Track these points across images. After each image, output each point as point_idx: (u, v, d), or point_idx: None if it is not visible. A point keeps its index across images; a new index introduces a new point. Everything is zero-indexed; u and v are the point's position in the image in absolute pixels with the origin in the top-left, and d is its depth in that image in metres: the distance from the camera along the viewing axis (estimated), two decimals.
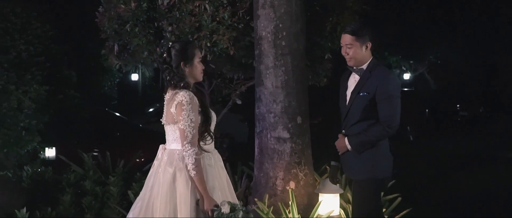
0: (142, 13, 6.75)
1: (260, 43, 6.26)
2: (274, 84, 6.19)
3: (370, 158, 4.50)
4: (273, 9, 6.14)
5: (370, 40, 4.51)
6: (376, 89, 4.43)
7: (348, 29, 4.55)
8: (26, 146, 9.17)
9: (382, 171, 4.53)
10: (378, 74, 4.49)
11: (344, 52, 4.58)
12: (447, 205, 8.69)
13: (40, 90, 9.23)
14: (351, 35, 4.50)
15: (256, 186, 6.39)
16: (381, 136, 4.46)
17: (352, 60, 4.56)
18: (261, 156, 6.32)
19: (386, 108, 4.41)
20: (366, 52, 4.53)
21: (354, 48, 4.49)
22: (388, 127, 4.40)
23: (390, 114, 4.41)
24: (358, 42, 4.49)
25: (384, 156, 4.55)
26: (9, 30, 9.18)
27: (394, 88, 4.47)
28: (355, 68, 4.60)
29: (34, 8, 9.81)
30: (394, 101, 4.43)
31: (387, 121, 4.40)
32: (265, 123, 6.26)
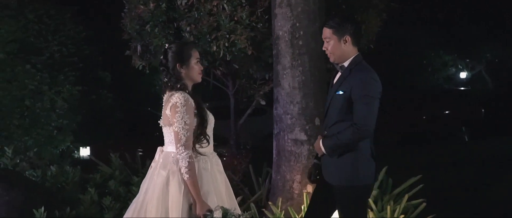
0: (162, 13, 6.72)
1: (277, 43, 6.11)
2: (291, 84, 6.03)
3: (348, 163, 4.15)
4: (290, 8, 5.98)
5: (350, 34, 4.17)
6: (352, 88, 4.10)
7: (327, 22, 4.30)
8: (59, 145, 9.33)
9: (361, 178, 4.16)
10: (356, 72, 4.14)
11: (324, 47, 4.31)
12: (482, 214, 8.21)
13: (73, 90, 9.40)
14: (329, 28, 4.23)
15: (274, 189, 6.26)
16: (353, 139, 4.07)
17: (331, 56, 4.27)
18: (279, 158, 6.18)
19: (359, 108, 4.05)
20: (346, 47, 4.18)
21: (332, 42, 4.21)
22: (359, 129, 4.02)
23: (362, 115, 4.03)
24: (335, 35, 4.18)
25: (365, 161, 4.18)
26: (42, 32, 9.37)
27: (371, 88, 4.08)
28: (338, 65, 4.29)
29: (68, 10, 9.98)
30: (369, 102, 4.04)
31: (359, 122, 4.03)
32: (282, 124, 6.12)
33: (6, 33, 9.23)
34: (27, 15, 9.39)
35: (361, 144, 4.14)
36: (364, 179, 4.18)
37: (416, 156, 12.96)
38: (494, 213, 7.72)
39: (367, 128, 4.05)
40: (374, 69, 4.20)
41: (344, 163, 4.16)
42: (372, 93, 4.07)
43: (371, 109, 4.06)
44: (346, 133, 4.09)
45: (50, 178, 7.19)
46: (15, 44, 9.26)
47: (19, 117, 9.12)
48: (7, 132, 9.04)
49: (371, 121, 4.07)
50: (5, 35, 9.22)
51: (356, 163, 4.15)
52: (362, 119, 4.04)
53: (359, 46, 4.26)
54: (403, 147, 15.31)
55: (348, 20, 4.26)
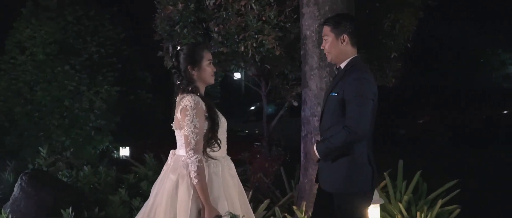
0: (190, 14, 6.66)
1: (305, 43, 5.95)
2: (319, 85, 5.85)
3: (343, 170, 3.94)
4: (317, 6, 5.81)
5: (348, 33, 3.98)
6: (344, 89, 3.91)
7: (326, 20, 4.16)
8: (98, 145, 9.42)
9: (357, 185, 3.95)
10: (351, 73, 3.95)
11: (322, 46, 4.15)
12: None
13: (111, 91, 9.47)
14: (327, 25, 4.08)
15: (301, 192, 6.10)
16: (346, 142, 3.85)
17: (328, 55, 4.10)
18: (306, 161, 6.02)
19: (352, 110, 3.84)
20: (344, 46, 4.00)
21: (330, 40, 4.03)
22: (351, 132, 3.81)
23: (354, 117, 3.81)
24: (333, 33, 4.01)
25: (360, 168, 3.96)
26: (81, 33, 9.48)
27: (363, 89, 3.86)
28: (336, 66, 4.13)
29: (108, 11, 10.07)
30: (362, 103, 3.83)
31: (350, 124, 3.81)
32: (309, 127, 5.95)
33: (46, 35, 9.39)
34: (67, 17, 9.53)
35: (356, 149, 3.92)
36: (360, 186, 3.96)
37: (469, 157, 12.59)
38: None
39: (359, 131, 3.82)
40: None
41: (339, 170, 3.96)
42: (364, 94, 3.86)
43: (364, 111, 3.84)
44: (338, 136, 3.88)
45: (82, 178, 7.25)
46: (55, 45, 9.41)
47: (58, 117, 9.25)
48: (44, 132, 9.19)
49: (364, 123, 3.84)
50: (45, 37, 9.39)
51: (351, 170, 3.94)
52: (354, 121, 3.82)
53: (358, 47, 4.07)
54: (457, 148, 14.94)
55: (347, 19, 4.10)
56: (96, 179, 7.45)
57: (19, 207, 6.28)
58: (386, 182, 6.52)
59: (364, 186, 3.97)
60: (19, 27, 9.63)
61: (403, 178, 6.61)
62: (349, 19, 4.11)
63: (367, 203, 4.12)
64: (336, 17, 4.13)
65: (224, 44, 6.55)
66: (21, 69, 9.45)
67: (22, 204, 6.28)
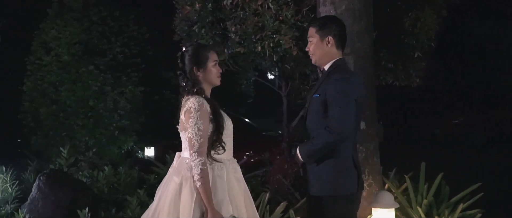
0: (208, 14, 6.61)
1: None
2: None
3: (326, 172, 3.86)
4: (333, 6, 5.69)
5: (333, 35, 3.93)
6: (327, 90, 3.83)
7: (311, 22, 4.14)
8: (122, 146, 9.44)
9: (341, 187, 3.86)
10: (335, 74, 3.89)
11: (307, 48, 4.08)
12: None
13: (136, 91, 9.48)
14: (313, 26, 4.03)
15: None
16: (327, 144, 3.78)
17: (313, 57, 4.03)
18: None
19: (333, 110, 3.76)
20: (329, 48, 3.94)
21: (315, 42, 3.98)
22: (331, 132, 3.73)
23: (336, 118, 3.74)
24: (318, 34, 3.96)
25: (344, 170, 3.88)
26: (106, 34, 9.51)
27: (345, 89, 3.79)
28: (320, 68, 4.07)
29: (133, 11, 10.09)
30: (344, 104, 3.75)
31: (332, 125, 3.73)
32: None
33: (71, 35, 9.46)
34: (91, 18, 9.58)
35: (341, 152, 3.84)
36: (345, 189, 3.87)
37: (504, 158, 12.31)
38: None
39: (341, 131, 3.74)
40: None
41: (324, 173, 3.88)
42: (346, 94, 3.78)
43: (346, 111, 3.74)
44: (319, 137, 3.80)
45: (102, 178, 7.26)
46: (79, 46, 9.47)
47: (83, 117, 9.31)
48: (69, 132, 9.25)
49: (346, 124, 3.74)
50: (70, 37, 9.45)
51: (336, 172, 3.86)
52: (335, 121, 3.74)
53: (343, 50, 4.02)
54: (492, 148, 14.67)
55: (333, 21, 4.06)
56: (116, 179, 7.47)
57: (37, 207, 6.33)
58: (407, 184, 6.35)
59: (350, 188, 3.90)
60: (45, 28, 9.73)
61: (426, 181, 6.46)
62: (336, 22, 4.07)
63: (354, 205, 4.04)
64: (322, 19, 4.13)
65: (241, 44, 6.48)
66: (46, 70, 9.54)
67: (40, 204, 6.32)
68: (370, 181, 5.72)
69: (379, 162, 5.91)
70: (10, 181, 7.00)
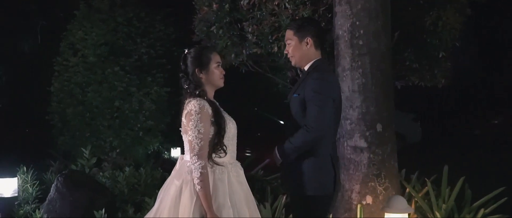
0: (225, 14, 6.55)
1: (337, 43, 5.73)
2: (351, 87, 5.62)
3: (306, 172, 3.88)
4: (349, 5, 5.58)
5: (312, 36, 3.96)
6: (305, 90, 3.87)
7: (289, 24, 4.24)
8: (148, 146, 9.47)
9: (319, 187, 3.88)
10: (313, 73, 3.92)
11: (285, 50, 4.13)
12: None
13: (161, 91, 9.50)
14: (290, 29, 4.06)
15: (333, 199, 5.86)
16: (305, 142, 3.81)
17: (292, 59, 4.06)
18: None
19: (310, 109, 3.80)
20: (308, 49, 3.98)
21: (293, 44, 4.01)
22: (309, 131, 3.77)
23: (313, 116, 3.78)
24: (296, 36, 3.99)
25: (322, 171, 3.90)
26: (131, 35, 9.55)
27: (323, 88, 3.82)
28: (300, 69, 4.16)
29: (159, 12, 10.11)
30: (320, 103, 3.79)
31: (309, 123, 3.78)
32: (342, 130, 5.71)
33: (97, 37, 9.53)
34: (117, 19, 9.63)
35: (319, 152, 3.86)
36: (323, 189, 3.90)
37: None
38: None
39: (318, 129, 3.77)
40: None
41: (303, 172, 3.90)
42: (323, 93, 3.82)
43: (323, 110, 3.79)
44: (297, 135, 3.83)
45: (122, 179, 7.28)
46: (105, 47, 9.53)
47: (109, 117, 9.37)
48: (92, 133, 9.32)
49: (323, 122, 3.79)
50: (96, 39, 9.52)
51: (314, 172, 3.88)
52: (312, 119, 3.78)
53: (322, 50, 4.06)
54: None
55: (310, 22, 4.12)
56: (136, 180, 7.47)
57: (55, 207, 6.38)
58: (428, 188, 6.19)
59: (328, 188, 3.93)
60: (73, 29, 9.83)
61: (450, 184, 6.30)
62: (313, 23, 4.14)
63: (327, 207, 4.07)
64: (299, 21, 4.16)
65: (258, 45, 6.41)
66: (73, 71, 9.64)
67: (57, 205, 6.37)
68: (386, 184, 5.58)
69: (397, 165, 5.76)
70: (31, 181, 7.07)
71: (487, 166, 10.22)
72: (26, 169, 7.20)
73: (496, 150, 14.47)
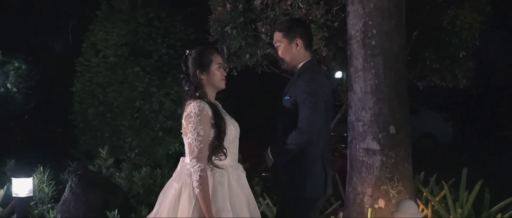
0: (239, 14, 6.49)
1: (350, 43, 5.61)
2: (363, 89, 5.49)
3: (297, 174, 3.86)
4: (361, 4, 5.45)
5: (301, 37, 3.94)
6: (296, 92, 3.84)
7: (277, 25, 4.12)
8: (168, 147, 9.46)
9: (310, 190, 3.86)
10: (304, 75, 3.89)
11: (276, 53, 4.09)
12: None
13: (181, 92, 9.47)
14: (279, 31, 4.02)
15: (346, 202, 5.77)
16: (298, 144, 3.79)
17: (283, 62, 4.04)
18: (351, 169, 5.68)
19: (303, 111, 3.79)
20: (298, 51, 3.96)
21: (283, 46, 3.99)
22: (302, 133, 3.76)
23: (305, 118, 3.76)
24: (285, 39, 3.97)
25: (314, 173, 3.88)
26: (152, 35, 9.56)
27: (314, 89, 3.80)
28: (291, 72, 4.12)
29: (180, 12, 10.11)
30: (313, 104, 3.76)
31: (302, 125, 3.77)
32: (354, 132, 5.60)
33: (118, 37, 9.57)
34: (138, 19, 9.66)
35: (310, 154, 3.85)
36: (311, 192, 3.88)
37: None
38: None
39: (311, 131, 3.75)
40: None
41: (293, 175, 3.88)
42: (315, 95, 3.79)
43: (315, 112, 3.77)
44: (290, 137, 3.80)
45: (138, 180, 7.29)
46: (126, 47, 9.57)
47: (130, 118, 9.40)
48: (113, 133, 9.36)
49: (315, 124, 3.77)
50: (117, 39, 9.57)
51: (305, 174, 3.85)
52: (305, 121, 3.76)
53: (311, 50, 4.03)
54: None
55: (298, 23, 4.07)
56: (152, 180, 7.47)
57: (69, 207, 6.41)
58: (445, 192, 6.04)
59: (318, 191, 3.90)
60: (94, 30, 9.90)
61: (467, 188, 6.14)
62: (301, 24, 4.09)
63: (315, 210, 4.04)
64: (287, 23, 4.08)
65: (272, 45, 6.31)
66: (94, 71, 9.70)
67: (71, 205, 6.40)
68: (399, 188, 5.44)
69: (411, 168, 5.61)
70: (47, 181, 7.12)
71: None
72: (42, 169, 7.25)
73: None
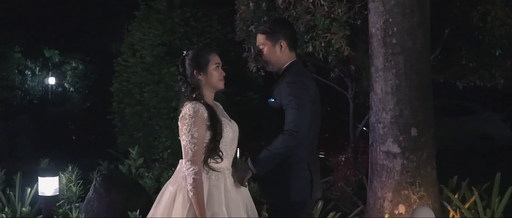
0: (263, 13, 6.35)
1: (371, 42, 5.41)
2: (384, 89, 5.28)
3: (281, 179, 3.69)
4: (382, 1, 5.24)
5: (285, 38, 3.74)
6: (281, 94, 3.65)
7: (259, 27, 3.90)
8: None
9: (294, 193, 3.68)
10: (288, 76, 3.70)
11: (260, 56, 3.90)
12: None
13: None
14: (261, 33, 3.82)
15: (367, 206, 5.56)
16: (286, 147, 3.58)
17: (268, 65, 3.84)
18: (371, 172, 5.48)
19: (289, 114, 3.59)
20: (282, 52, 3.76)
21: (267, 48, 3.79)
22: (289, 136, 3.56)
23: (291, 120, 3.57)
24: (269, 41, 3.77)
25: (298, 176, 3.70)
26: (188, 35, 9.54)
27: (298, 91, 3.61)
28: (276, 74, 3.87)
29: (216, 11, 10.05)
30: (298, 106, 3.57)
31: (288, 128, 3.57)
32: (375, 134, 5.40)
33: (154, 37, 9.61)
34: (175, 19, 9.66)
35: (294, 157, 3.66)
36: (298, 195, 3.70)
37: None
38: None
39: (298, 134, 3.56)
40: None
41: (279, 179, 3.71)
42: (299, 96, 3.60)
43: (301, 113, 3.57)
44: (276, 142, 3.59)
45: (165, 180, 7.25)
46: (162, 47, 9.59)
47: (166, 117, 9.41)
48: (149, 133, 9.39)
49: (303, 126, 3.57)
50: (153, 39, 9.60)
51: (291, 179, 3.69)
52: (291, 124, 3.56)
53: (296, 51, 3.85)
54: None
55: (281, 24, 3.86)
56: None
57: (92, 207, 6.43)
58: (475, 198, 5.74)
59: (303, 194, 3.72)
60: (132, 30, 9.98)
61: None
62: (284, 24, 3.89)
63: (307, 212, 3.88)
64: (270, 24, 3.86)
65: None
66: (131, 71, 9.76)
67: (95, 205, 6.41)
68: (421, 193, 5.20)
69: (435, 173, 5.35)
70: (76, 181, 7.19)
71: None
72: (70, 168, 7.33)
73: None
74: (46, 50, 23.69)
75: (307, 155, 3.73)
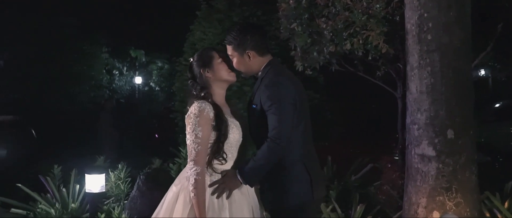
0: (304, 11, 6.20)
1: (406, 38, 5.13)
2: (418, 88, 4.99)
3: (277, 183, 3.57)
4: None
5: (252, 48, 3.61)
6: (261, 99, 3.50)
7: (226, 37, 3.78)
8: None
9: (293, 196, 3.55)
10: (265, 79, 3.56)
11: (234, 65, 3.77)
12: None
13: None
14: (228, 44, 3.73)
15: (403, 212, 5.29)
16: (271, 155, 3.44)
17: (243, 73, 3.77)
18: (407, 176, 5.21)
19: (270, 119, 3.46)
20: (252, 61, 3.66)
21: (236, 60, 3.70)
22: (272, 143, 3.41)
23: (274, 126, 3.43)
24: (236, 52, 3.68)
25: (297, 179, 3.56)
26: None
27: (278, 94, 3.47)
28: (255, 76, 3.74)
29: (275, 10, 9.92)
30: (279, 110, 3.43)
31: (272, 135, 3.42)
32: (410, 136, 5.12)
33: (213, 36, 9.64)
34: (233, 18, 9.65)
35: (288, 159, 3.54)
36: (297, 198, 3.57)
37: None
38: None
39: (281, 140, 3.40)
40: None
41: (276, 184, 3.59)
42: (280, 99, 3.46)
43: (282, 117, 3.42)
44: (260, 152, 3.47)
45: None
46: (221, 46, 9.59)
47: None
48: None
49: (286, 130, 3.42)
50: (212, 38, 9.64)
51: (287, 183, 3.56)
52: (274, 131, 3.42)
53: (268, 52, 3.69)
54: None
55: (246, 32, 3.68)
56: None
57: (136, 205, 6.55)
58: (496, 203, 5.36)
59: (303, 196, 3.58)
60: (193, 30, 10.06)
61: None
62: (249, 31, 3.70)
63: (310, 213, 3.71)
64: (235, 34, 3.72)
65: (333, 41, 5.98)
66: None
67: (138, 203, 6.53)
68: (458, 199, 4.87)
69: (475, 178, 4.99)
70: (124, 178, 7.32)
71: None
72: (120, 166, 7.48)
73: None
74: (132, 50, 24.44)
75: (301, 155, 3.59)
